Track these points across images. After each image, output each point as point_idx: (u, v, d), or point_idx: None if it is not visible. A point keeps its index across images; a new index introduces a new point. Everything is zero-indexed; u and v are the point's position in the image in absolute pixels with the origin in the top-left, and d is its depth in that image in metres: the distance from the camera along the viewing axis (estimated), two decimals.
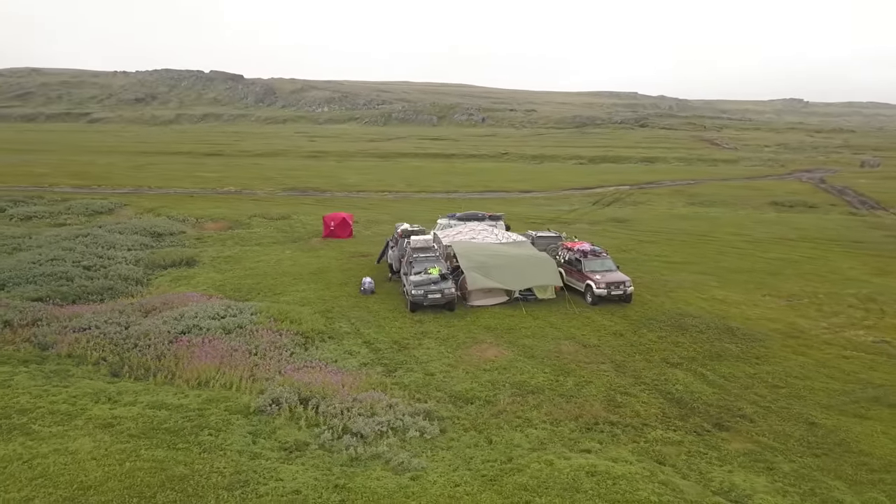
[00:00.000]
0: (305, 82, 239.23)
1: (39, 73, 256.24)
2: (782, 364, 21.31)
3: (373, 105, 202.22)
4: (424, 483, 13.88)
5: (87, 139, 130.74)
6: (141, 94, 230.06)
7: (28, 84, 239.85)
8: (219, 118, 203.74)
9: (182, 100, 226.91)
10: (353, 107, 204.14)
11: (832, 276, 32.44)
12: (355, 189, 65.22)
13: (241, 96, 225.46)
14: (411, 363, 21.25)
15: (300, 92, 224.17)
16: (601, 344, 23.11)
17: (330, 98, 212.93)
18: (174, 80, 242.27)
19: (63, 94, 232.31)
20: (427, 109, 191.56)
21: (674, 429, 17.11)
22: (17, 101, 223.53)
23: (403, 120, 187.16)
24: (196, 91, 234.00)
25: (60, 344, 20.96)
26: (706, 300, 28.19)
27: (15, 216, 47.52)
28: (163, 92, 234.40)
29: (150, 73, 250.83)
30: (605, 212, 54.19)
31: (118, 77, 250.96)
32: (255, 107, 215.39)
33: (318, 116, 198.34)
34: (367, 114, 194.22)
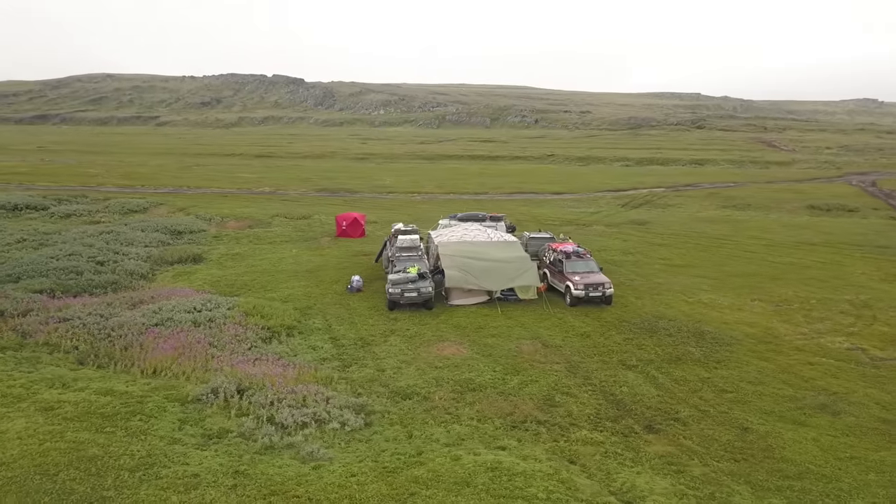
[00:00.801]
0: (364, 85, 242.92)
1: (114, 77, 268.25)
2: (740, 369, 20.87)
3: (428, 108, 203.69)
4: (323, 472, 14.34)
5: (148, 141, 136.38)
6: (207, 98, 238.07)
7: (103, 89, 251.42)
8: (279, 121, 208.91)
9: (245, 103, 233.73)
10: (409, 109, 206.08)
11: (836, 282, 31.32)
12: (386, 190, 66.16)
13: (301, 99, 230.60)
14: (368, 359, 21.74)
15: (358, 95, 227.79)
16: (564, 345, 23.08)
17: (386, 101, 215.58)
18: (239, 84, 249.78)
19: (134, 98, 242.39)
20: (480, 111, 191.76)
21: (601, 430, 17.07)
22: (91, 105, 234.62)
23: (457, 122, 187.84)
24: (259, 94, 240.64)
25: (40, 333, 22.30)
26: (690, 304, 27.72)
27: (56, 214, 50.21)
28: (227, 96, 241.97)
29: (216, 78, 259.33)
30: (630, 214, 53.44)
31: (186, 81, 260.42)
32: (314, 110, 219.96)
33: (374, 119, 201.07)
34: (422, 116, 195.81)
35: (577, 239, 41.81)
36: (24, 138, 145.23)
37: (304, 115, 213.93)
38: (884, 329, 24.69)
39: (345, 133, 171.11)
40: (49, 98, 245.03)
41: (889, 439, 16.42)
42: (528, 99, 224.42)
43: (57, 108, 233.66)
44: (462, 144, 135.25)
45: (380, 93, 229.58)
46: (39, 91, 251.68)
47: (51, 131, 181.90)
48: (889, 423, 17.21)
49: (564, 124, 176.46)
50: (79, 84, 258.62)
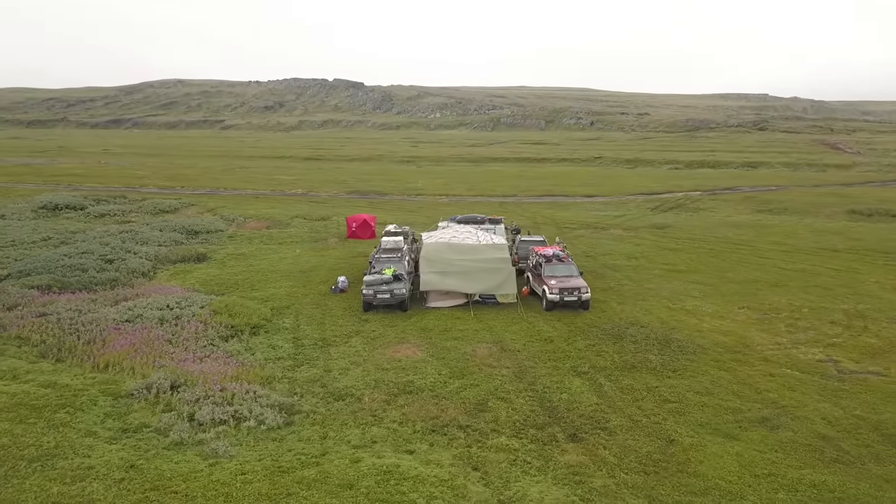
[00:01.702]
0: (422, 89, 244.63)
1: (184, 83, 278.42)
2: (694, 379, 20.08)
3: (483, 111, 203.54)
4: (215, 469, 14.54)
5: (206, 144, 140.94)
6: (270, 102, 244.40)
7: (173, 94, 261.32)
8: (338, 124, 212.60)
9: (306, 107, 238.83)
10: (464, 112, 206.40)
11: (841, 290, 29.75)
12: (415, 193, 66.45)
13: (360, 103, 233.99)
14: (320, 360, 21.88)
15: (416, 98, 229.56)
16: (523, 349, 22.70)
17: (443, 104, 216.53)
18: (301, 89, 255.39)
19: (202, 103, 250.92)
20: (536, 114, 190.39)
21: (521, 437, 16.71)
22: (161, 110, 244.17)
23: (512, 125, 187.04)
24: (320, 98, 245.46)
25: (15, 326, 23.35)
26: (672, 310, 26.83)
27: (91, 213, 52.45)
28: (290, 100, 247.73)
29: (279, 82, 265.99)
30: (654, 218, 52.08)
31: (251, 86, 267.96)
32: (373, 113, 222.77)
33: (429, 122, 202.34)
34: (477, 119, 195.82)
35: (588, 243, 41.18)
36: (93, 141, 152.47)
37: (362, 118, 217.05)
38: (870, 341, 23.32)
39: (399, 136, 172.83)
40: (123, 103, 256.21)
41: (818, 457, 15.50)
42: (587, 101, 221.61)
43: (130, 112, 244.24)
44: (512, 147, 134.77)
45: (437, 96, 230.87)
46: (115, 97, 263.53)
47: (121, 135, 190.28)
48: (826, 441, 16.24)
49: (620, 126, 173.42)
50: (151, 90, 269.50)
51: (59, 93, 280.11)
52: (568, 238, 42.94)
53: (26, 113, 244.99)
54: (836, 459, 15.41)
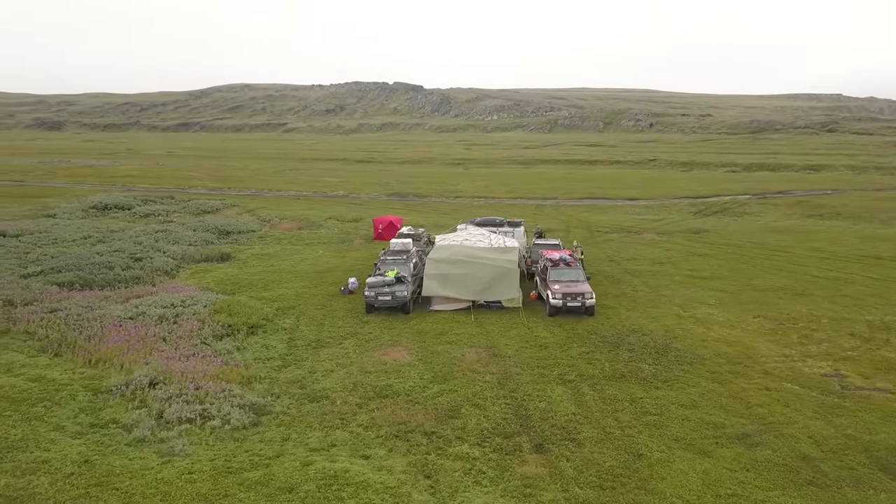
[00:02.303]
0: (480, 91, 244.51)
1: (250, 87, 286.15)
2: (683, 391, 19.21)
3: (540, 112, 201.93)
4: (165, 468, 14.68)
5: (265, 147, 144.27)
6: (331, 106, 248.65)
7: (240, 98, 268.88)
8: (396, 127, 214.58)
9: (366, 110, 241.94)
10: (522, 115, 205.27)
11: (872, 300, 28.06)
12: (454, 195, 66.28)
13: (419, 106, 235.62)
14: (308, 361, 21.89)
15: (474, 101, 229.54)
16: (514, 355, 22.21)
17: (500, 106, 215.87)
18: (362, 92, 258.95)
19: (267, 107, 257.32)
20: (594, 115, 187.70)
21: (485, 445, 16.27)
22: (228, 114, 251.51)
23: (569, 126, 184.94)
24: (380, 101, 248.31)
25: (25, 321, 24.21)
26: (681, 318, 25.81)
27: (137, 213, 54.26)
28: (351, 103, 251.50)
29: (341, 86, 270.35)
30: (693, 222, 50.41)
31: (314, 90, 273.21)
32: (431, 116, 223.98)
33: (486, 124, 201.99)
34: (534, 121, 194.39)
35: (616, 247, 40.17)
36: (160, 144, 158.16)
37: (420, 121, 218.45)
38: (888, 355, 21.84)
39: (454, 139, 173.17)
40: (192, 107, 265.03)
41: (791, 478, 14.53)
42: (648, 102, 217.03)
43: (198, 116, 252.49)
44: (566, 149, 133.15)
45: (496, 98, 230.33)
46: (185, 101, 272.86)
47: (187, 138, 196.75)
48: (806, 461, 15.23)
49: (681, 128, 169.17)
50: (219, 94, 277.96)
51: (133, 97, 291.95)
52: (598, 242, 42.06)
53: (102, 117, 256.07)
54: (811, 482, 14.42)
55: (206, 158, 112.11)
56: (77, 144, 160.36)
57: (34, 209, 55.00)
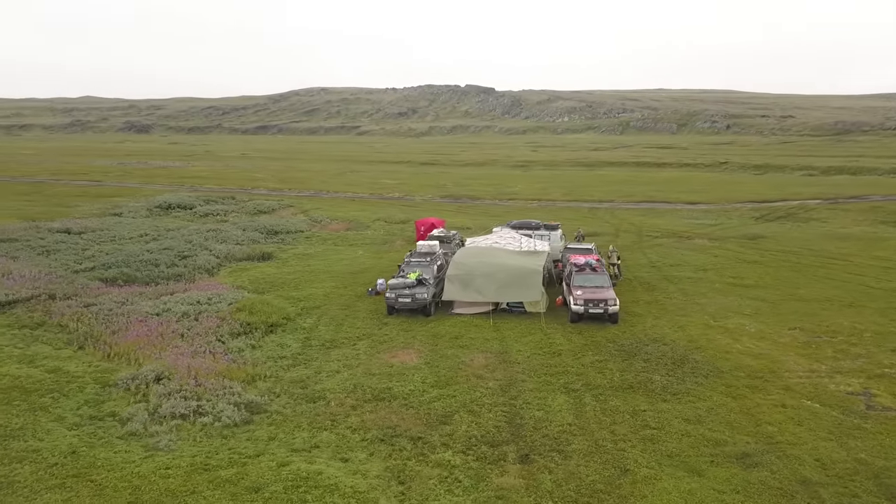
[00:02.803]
0: (553, 93, 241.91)
1: (326, 91, 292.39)
2: (692, 404, 18.29)
3: (613, 114, 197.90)
4: (145, 462, 15.01)
5: (334, 149, 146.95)
6: (403, 109, 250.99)
7: (316, 101, 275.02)
8: (466, 129, 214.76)
9: (438, 113, 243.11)
10: (593, 116, 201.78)
11: None
12: (508, 197, 65.66)
13: (490, 108, 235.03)
14: (317, 361, 22.01)
15: (546, 103, 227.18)
16: (524, 361, 21.71)
17: (572, 108, 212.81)
18: (434, 95, 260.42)
19: (341, 110, 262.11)
20: (668, 117, 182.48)
21: (469, 454, 15.93)
22: (304, 117, 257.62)
23: (641, 128, 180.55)
24: (451, 104, 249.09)
25: (58, 314, 25.33)
26: (708, 328, 24.65)
27: (197, 213, 56.11)
28: (423, 106, 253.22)
29: (414, 89, 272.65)
30: (752, 228, 48.22)
31: (388, 93, 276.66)
32: (501, 118, 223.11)
33: (557, 126, 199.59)
34: (606, 123, 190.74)
35: (662, 252, 38.88)
36: (237, 146, 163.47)
37: (490, 123, 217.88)
38: None
39: (522, 141, 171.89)
40: (271, 111, 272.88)
41: (784, 503, 13.56)
42: (726, 103, 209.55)
43: (276, 119, 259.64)
44: (635, 151, 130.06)
45: (568, 100, 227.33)
46: (264, 105, 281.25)
47: (263, 140, 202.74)
48: (804, 486, 14.19)
49: (759, 130, 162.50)
50: (296, 98, 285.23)
51: (216, 101, 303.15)
52: (644, 247, 40.81)
53: (187, 120, 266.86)
54: None
55: (276, 160, 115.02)
56: (161, 147, 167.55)
57: (104, 208, 57.70)
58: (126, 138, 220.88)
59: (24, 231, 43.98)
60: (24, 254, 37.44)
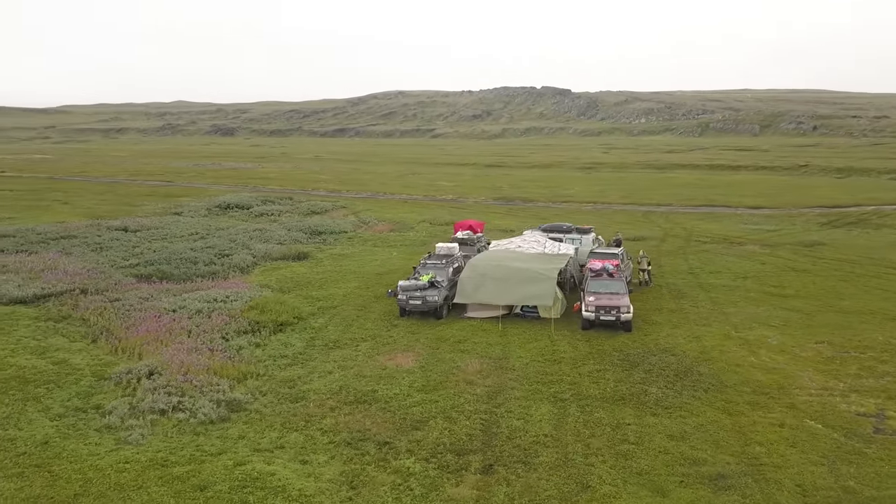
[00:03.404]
0: (630, 94, 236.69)
1: (404, 94, 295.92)
2: (682, 420, 17.29)
3: (692, 115, 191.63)
4: (110, 455, 15.35)
5: (405, 151, 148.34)
6: (478, 111, 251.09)
7: (393, 105, 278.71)
8: (540, 131, 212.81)
9: (512, 115, 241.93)
10: (672, 118, 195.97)
11: None
12: (562, 200, 64.45)
13: (565, 110, 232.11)
14: (315, 361, 22.01)
15: (623, 104, 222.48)
16: (520, 368, 21.11)
17: (649, 109, 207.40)
18: (509, 97, 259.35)
19: (417, 113, 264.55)
20: (749, 118, 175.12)
21: (432, 461, 15.55)
22: (381, 120, 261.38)
23: (722, 130, 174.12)
24: (526, 106, 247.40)
25: (83, 308, 26.39)
26: (726, 339, 23.32)
27: (252, 213, 57.56)
28: (497, 108, 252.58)
29: (489, 92, 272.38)
30: (814, 234, 45.53)
31: (463, 96, 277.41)
32: (577, 120, 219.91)
33: (633, 128, 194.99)
34: (684, 124, 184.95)
35: (705, 259, 37.30)
36: (312, 148, 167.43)
37: (565, 125, 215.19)
38: None
39: (596, 142, 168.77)
40: (349, 114, 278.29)
41: None
42: (816, 103, 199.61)
43: (354, 122, 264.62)
44: (711, 153, 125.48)
45: (646, 101, 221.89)
46: (342, 108, 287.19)
47: (339, 142, 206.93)
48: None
49: (849, 131, 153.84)
50: (374, 101, 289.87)
51: (299, 105, 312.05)
52: (689, 252, 39.17)
53: (269, 123, 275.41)
54: None
55: (346, 162, 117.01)
56: (242, 149, 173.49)
57: (167, 207, 60.06)
58: (212, 141, 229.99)
59: (86, 228, 46.24)
60: (79, 250, 39.29)
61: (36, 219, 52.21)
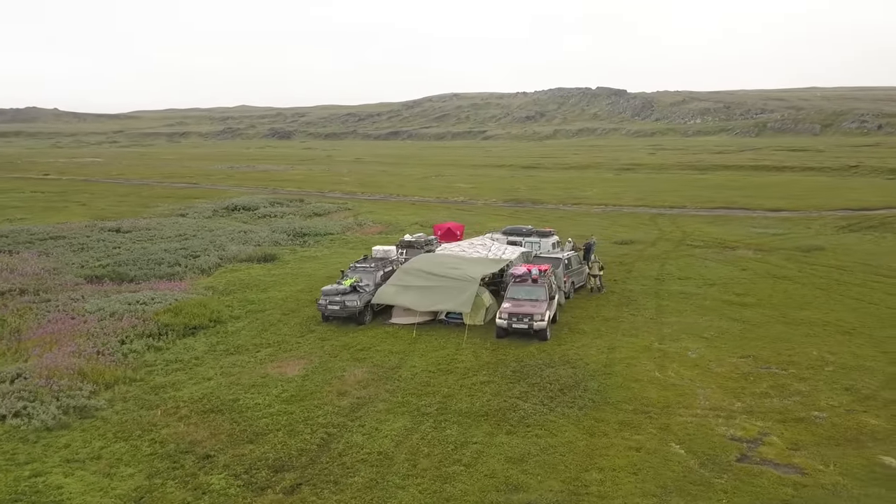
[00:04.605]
0: (688, 94, 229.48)
1: (458, 97, 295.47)
2: (535, 440, 15.86)
3: (750, 115, 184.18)
4: None
5: (446, 154, 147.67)
6: (531, 113, 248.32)
7: (447, 107, 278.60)
8: (592, 132, 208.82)
9: (565, 116, 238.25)
10: (728, 118, 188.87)
11: None
12: (573, 202, 62.37)
13: (619, 111, 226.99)
14: (204, 368, 21.24)
15: (679, 104, 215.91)
16: (406, 378, 19.92)
17: (706, 109, 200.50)
18: (563, 98, 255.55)
19: (471, 115, 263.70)
20: (810, 118, 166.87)
21: (241, 477, 14.57)
22: (434, 123, 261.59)
23: (780, 130, 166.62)
24: (580, 107, 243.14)
25: (5, 309, 26.46)
26: (643, 350, 21.55)
27: (256, 214, 57.67)
28: (551, 109, 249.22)
29: (544, 93, 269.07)
30: (823, 238, 42.42)
31: (518, 97, 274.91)
32: (631, 120, 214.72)
33: (687, 129, 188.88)
34: (740, 124, 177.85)
35: (683, 264, 35.10)
36: (359, 150, 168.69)
37: (618, 126, 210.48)
38: (869, 421, 16.26)
39: (645, 143, 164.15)
40: (403, 117, 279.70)
41: None
42: (888, 101, 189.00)
43: (408, 125, 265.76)
44: (762, 154, 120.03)
45: (704, 101, 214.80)
46: (397, 111, 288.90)
47: (389, 145, 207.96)
48: None
49: None
50: (429, 104, 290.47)
51: (355, 108, 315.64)
52: (673, 257, 37.03)
53: (325, 127, 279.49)
54: None
55: (382, 164, 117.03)
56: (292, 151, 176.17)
57: (177, 208, 60.93)
58: (266, 144, 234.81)
59: (80, 229, 47.15)
60: (60, 250, 39.96)
61: (44, 219, 53.71)
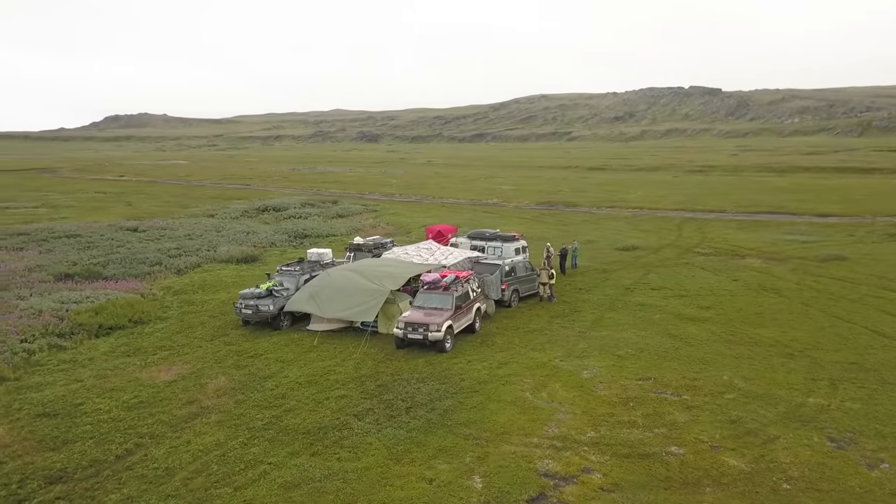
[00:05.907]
0: (787, 92, 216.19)
1: (547, 98, 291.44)
2: (332, 465, 14.33)
3: (853, 114, 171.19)
4: None
5: (518, 155, 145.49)
6: (620, 113, 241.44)
7: (533, 109, 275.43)
8: (682, 133, 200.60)
9: (655, 116, 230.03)
10: (830, 116, 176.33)
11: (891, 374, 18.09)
12: (609, 205, 59.17)
13: (712, 110, 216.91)
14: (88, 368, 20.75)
15: (777, 103, 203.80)
16: (269, 389, 18.74)
17: (805, 108, 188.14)
18: (654, 98, 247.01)
19: (557, 116, 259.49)
20: None
21: (11, 488, 13.88)
22: (519, 124, 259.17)
23: (887, 128, 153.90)
24: (671, 107, 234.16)
25: None
26: (534, 368, 19.47)
27: (281, 216, 58.08)
28: (641, 110, 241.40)
29: (634, 93, 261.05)
30: (850, 248, 37.98)
31: (607, 98, 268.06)
32: (723, 120, 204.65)
33: (783, 128, 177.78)
34: (842, 123, 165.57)
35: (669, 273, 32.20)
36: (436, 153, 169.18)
37: (710, 126, 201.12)
38: (727, 461, 13.70)
39: (733, 144, 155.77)
40: (489, 119, 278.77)
41: None
42: None
43: (493, 127, 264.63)
44: (857, 155, 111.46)
45: (805, 99, 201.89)
46: (484, 113, 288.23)
47: (470, 148, 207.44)
48: None
49: None
50: (516, 105, 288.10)
51: (444, 111, 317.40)
52: (668, 265, 34.09)
53: (412, 130, 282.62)
54: None
55: (449, 167, 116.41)
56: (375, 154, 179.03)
57: (211, 209, 62.30)
58: (353, 147, 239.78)
59: (99, 229, 48.77)
60: (65, 249, 41.29)
61: (83, 218, 56.09)
